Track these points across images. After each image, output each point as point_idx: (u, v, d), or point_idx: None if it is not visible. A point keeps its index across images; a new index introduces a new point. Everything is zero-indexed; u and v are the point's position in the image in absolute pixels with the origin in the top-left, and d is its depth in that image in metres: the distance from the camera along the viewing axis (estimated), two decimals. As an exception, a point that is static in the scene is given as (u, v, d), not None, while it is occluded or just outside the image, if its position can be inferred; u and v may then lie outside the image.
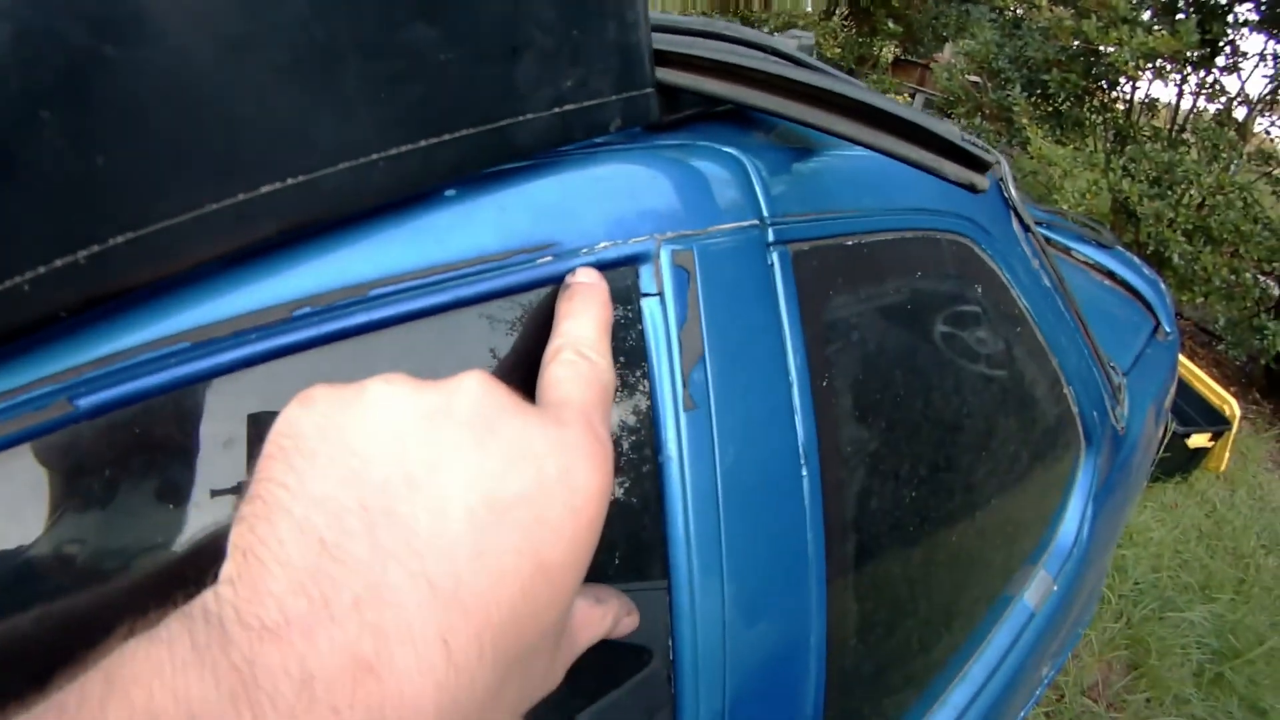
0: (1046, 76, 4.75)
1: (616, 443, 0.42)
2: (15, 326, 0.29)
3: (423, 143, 0.35)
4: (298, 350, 0.34)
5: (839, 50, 7.63)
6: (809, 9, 7.60)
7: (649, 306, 0.43)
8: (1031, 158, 4.68)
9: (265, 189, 0.32)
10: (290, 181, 0.32)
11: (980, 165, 0.47)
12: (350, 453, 0.26)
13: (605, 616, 0.35)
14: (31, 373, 0.30)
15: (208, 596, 0.24)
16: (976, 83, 5.67)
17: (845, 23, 7.69)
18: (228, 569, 0.25)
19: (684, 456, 0.43)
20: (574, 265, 0.40)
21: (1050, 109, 5.01)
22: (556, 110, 0.40)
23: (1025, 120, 4.80)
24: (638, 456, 0.43)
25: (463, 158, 0.37)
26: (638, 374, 0.43)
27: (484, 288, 0.38)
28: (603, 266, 0.41)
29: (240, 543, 0.25)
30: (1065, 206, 4.19)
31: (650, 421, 0.43)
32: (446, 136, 0.36)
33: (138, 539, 0.31)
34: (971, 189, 0.46)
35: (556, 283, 0.40)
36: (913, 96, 8.27)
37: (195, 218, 0.30)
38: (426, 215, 0.38)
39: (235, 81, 0.30)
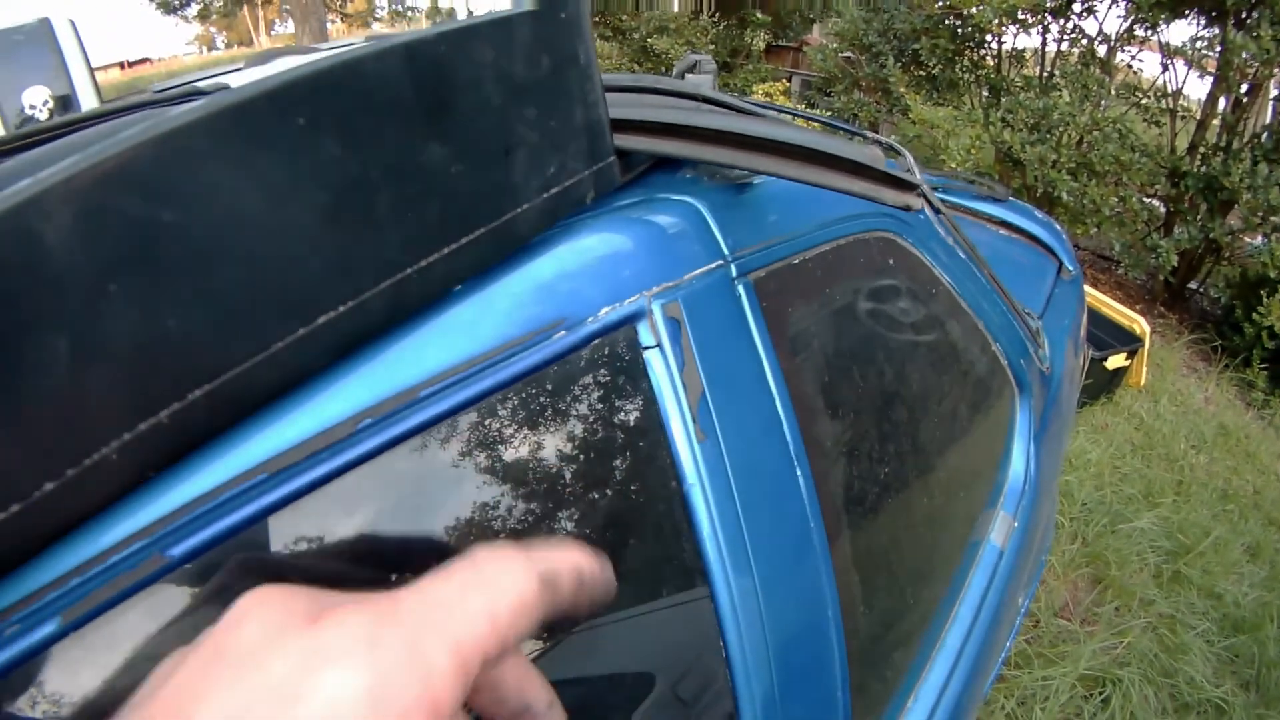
0: (916, 45, 4.97)
1: (646, 483, 0.49)
2: (108, 494, 0.30)
3: (446, 250, 0.40)
4: (367, 460, 0.37)
5: (712, 46, 7.78)
6: (676, 9, 7.76)
7: (651, 357, 0.49)
8: (914, 123, 4.89)
9: (321, 320, 0.35)
10: (342, 309, 0.36)
11: (908, 187, 0.54)
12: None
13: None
14: (120, 529, 0.31)
15: None
16: (850, 59, 5.87)
17: (714, 19, 7.86)
18: None
19: (704, 481, 0.50)
20: (584, 335, 0.46)
21: (924, 74, 5.24)
22: (545, 195, 0.46)
23: (902, 89, 5.01)
24: (666, 489, 0.49)
25: (479, 256, 0.42)
26: (652, 419, 0.49)
27: (515, 370, 0.43)
28: (607, 330, 0.47)
29: None
30: (954, 165, 4.40)
31: (670, 457, 0.49)
32: (465, 240, 0.41)
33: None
34: (907, 209, 0.54)
35: (572, 353, 0.46)
36: (790, 80, 8.49)
37: (262, 360, 0.33)
38: (450, 312, 0.42)
39: (284, 225, 0.33)
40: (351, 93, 0.34)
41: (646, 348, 0.49)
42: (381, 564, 0.38)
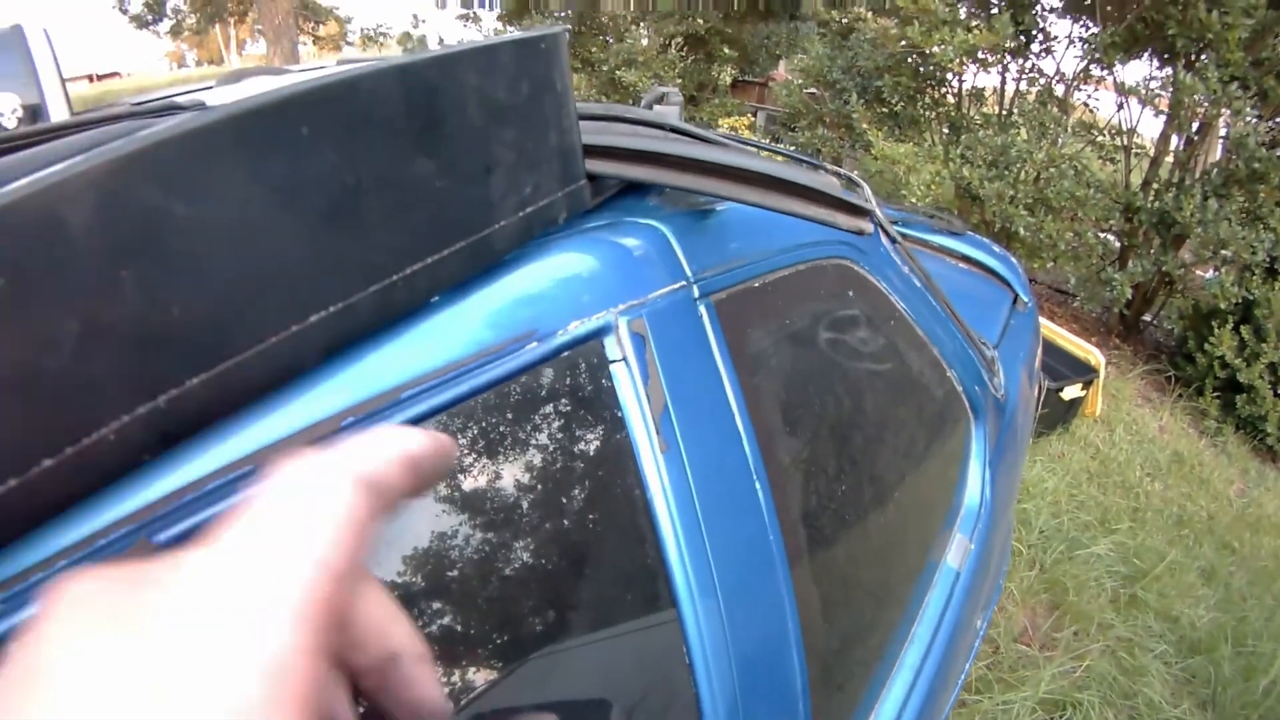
0: (879, 82, 5.10)
1: (611, 489, 0.51)
2: (103, 475, 0.31)
3: (429, 260, 0.42)
4: None
5: (680, 80, 7.90)
6: (645, 43, 7.89)
7: (617, 371, 0.52)
8: (876, 158, 4.99)
9: (314, 318, 0.37)
10: (333, 309, 0.38)
11: (862, 212, 0.58)
12: None
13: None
14: (108, 514, 0.32)
15: None
16: (814, 94, 6.00)
17: (682, 53, 8.00)
18: None
19: (666, 490, 0.52)
20: (554, 347, 0.49)
21: (886, 111, 5.36)
22: (520, 214, 0.48)
23: (865, 125, 5.13)
24: (630, 497, 0.52)
25: (459, 267, 0.44)
26: (617, 429, 0.52)
27: (489, 377, 0.45)
28: (576, 343, 0.50)
29: None
30: (914, 200, 4.50)
31: (635, 465, 0.52)
32: (446, 251, 0.43)
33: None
34: (860, 234, 0.57)
35: (541, 364, 0.48)
36: (755, 115, 8.65)
37: (258, 352, 0.35)
38: (428, 321, 0.44)
39: (284, 226, 0.35)
40: (350, 107, 0.37)
41: (613, 361, 0.51)
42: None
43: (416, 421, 0.42)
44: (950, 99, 5.30)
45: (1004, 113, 5.00)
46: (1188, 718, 2.29)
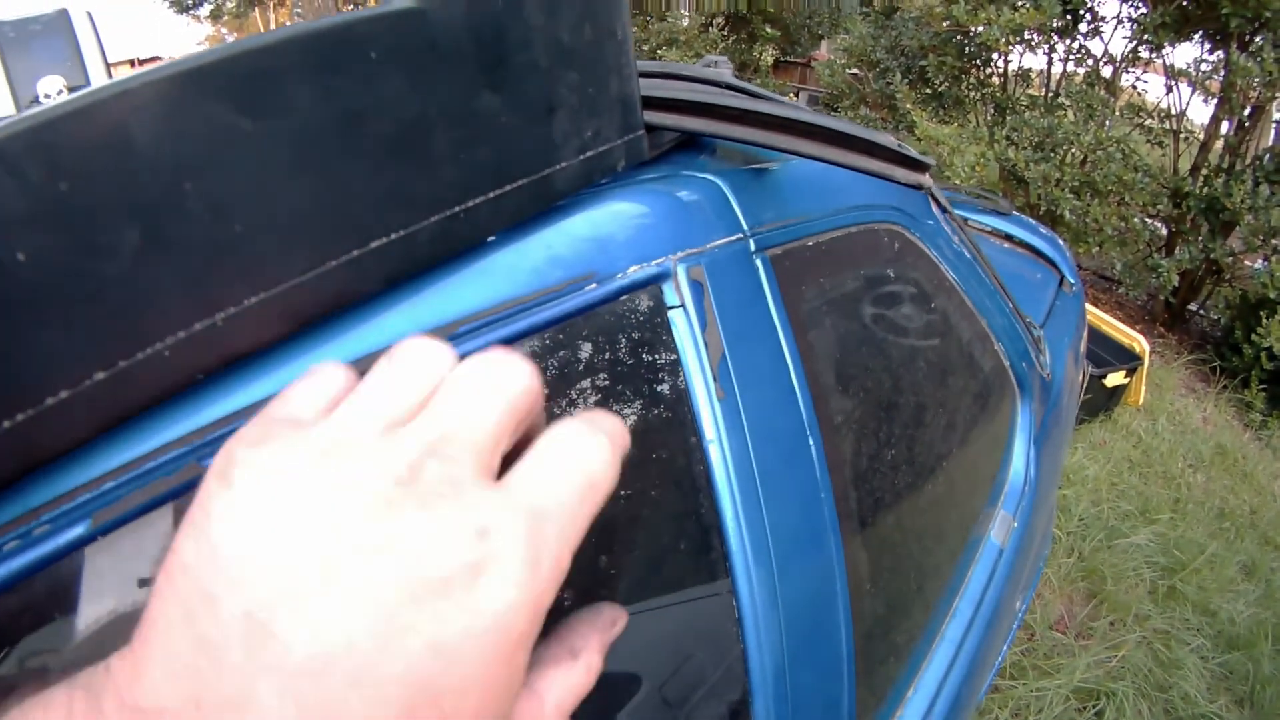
0: (923, 62, 5.01)
1: (667, 434, 0.51)
2: (156, 392, 0.31)
3: (491, 194, 0.42)
4: None
5: (721, 60, 7.81)
6: (686, 23, 7.83)
7: (676, 317, 0.51)
8: (919, 139, 4.91)
9: (374, 244, 0.37)
10: (394, 236, 0.37)
11: (920, 166, 0.57)
12: (242, 555, 0.23)
13: (587, 668, 0.30)
14: (159, 438, 0.32)
15: (99, 668, 0.23)
16: (857, 75, 5.92)
17: (723, 33, 7.93)
18: (123, 644, 0.24)
19: (722, 438, 0.52)
20: (613, 289, 0.48)
21: (930, 91, 5.28)
22: (581, 157, 0.48)
23: (909, 105, 5.06)
24: (685, 443, 0.51)
25: (521, 204, 0.44)
26: (674, 374, 0.51)
27: (547, 315, 0.45)
28: (633, 287, 0.49)
29: (144, 616, 0.23)
30: (958, 182, 4.43)
31: (691, 412, 0.51)
32: (508, 187, 0.43)
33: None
34: (918, 188, 0.56)
35: (601, 305, 0.48)
36: (797, 95, 8.56)
37: (318, 275, 0.34)
38: (489, 257, 0.44)
39: (349, 149, 0.35)
40: (418, 36, 0.36)
41: (671, 307, 0.51)
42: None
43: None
44: (996, 80, 5.21)
45: (1050, 94, 4.90)
46: (1224, 714, 2.25)
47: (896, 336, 0.87)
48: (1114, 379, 3.33)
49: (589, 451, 0.27)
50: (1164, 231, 4.59)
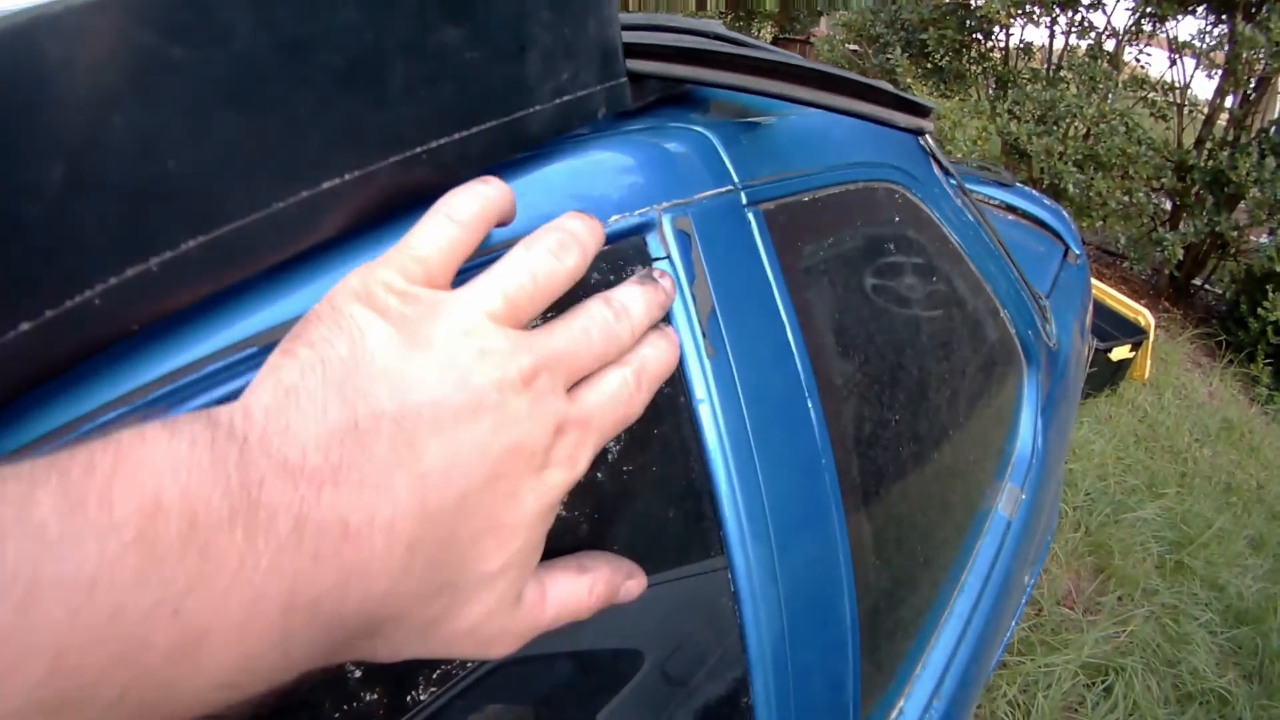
0: (924, 35, 4.96)
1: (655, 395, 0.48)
2: (89, 343, 0.28)
3: (456, 135, 0.39)
4: None
5: (719, 39, 7.76)
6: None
7: (660, 269, 0.48)
8: (921, 114, 4.86)
9: (326, 185, 0.34)
10: (348, 176, 0.34)
11: (922, 111, 0.53)
12: (401, 376, 0.29)
13: (590, 589, 0.37)
14: (101, 397, 0.29)
15: (236, 412, 0.26)
16: (857, 51, 5.87)
17: (721, 11, 7.83)
18: (262, 395, 0.27)
19: (713, 398, 0.49)
20: None
21: (931, 66, 5.23)
22: (557, 101, 0.45)
23: (909, 80, 5.01)
24: (674, 404, 0.48)
25: (489, 147, 0.41)
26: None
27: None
28: (616, 237, 0.46)
29: (285, 378, 0.28)
30: (959, 156, 4.39)
31: (680, 371, 0.48)
32: (475, 129, 0.40)
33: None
34: (920, 133, 0.53)
35: None
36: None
37: (263, 217, 0.32)
38: None
39: (295, 83, 0.32)
40: None
41: (656, 258, 0.48)
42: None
43: None
44: (996, 53, 5.15)
45: (1052, 67, 4.84)
46: (1233, 689, 2.23)
47: (899, 299, 0.84)
48: (1119, 353, 3.30)
49: (633, 399, 0.37)
50: (1168, 205, 4.54)
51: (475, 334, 0.31)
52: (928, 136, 0.99)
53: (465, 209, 0.34)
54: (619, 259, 0.47)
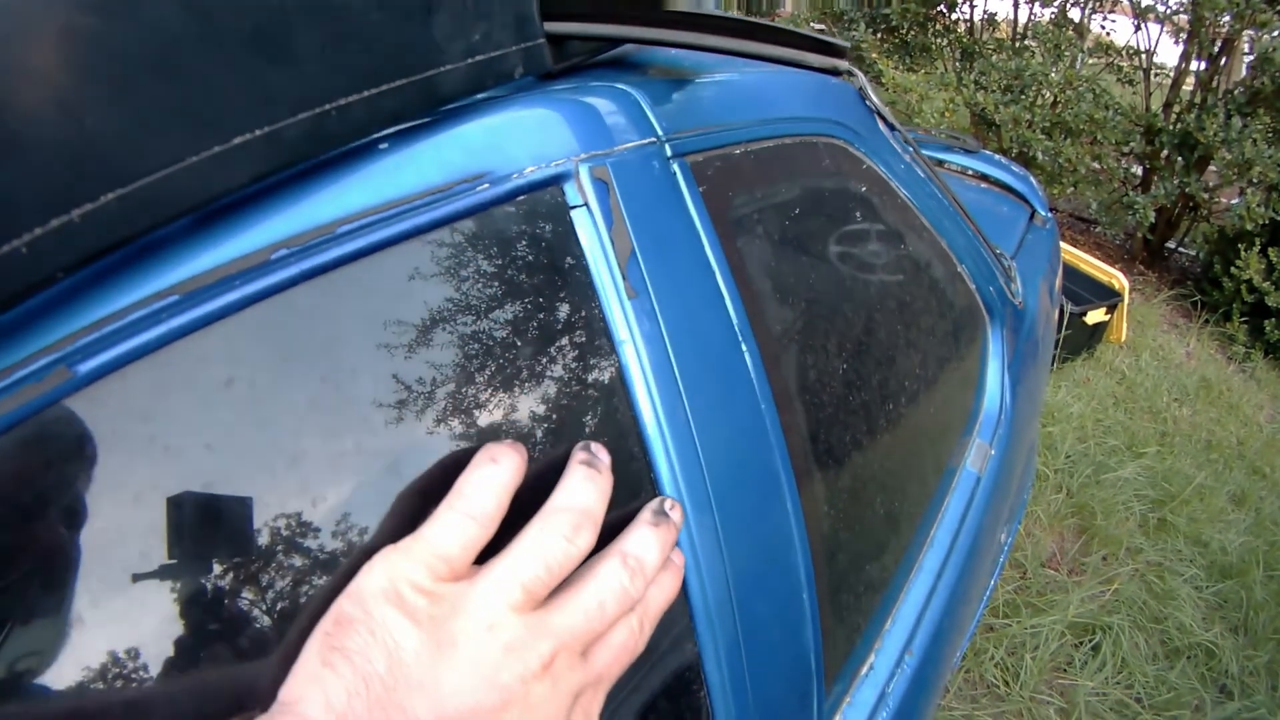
0: (887, 10, 4.97)
1: (571, 333, 0.48)
2: (17, 289, 0.30)
3: (365, 93, 0.40)
4: (280, 290, 0.38)
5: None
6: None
7: (578, 216, 0.48)
8: (887, 89, 4.87)
9: (237, 140, 0.35)
10: (258, 132, 0.36)
11: (836, 51, 0.54)
12: (436, 687, 0.33)
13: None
14: (28, 346, 0.31)
15: None
16: (823, 29, 5.86)
17: (686, -3, 7.83)
18: (313, 710, 0.31)
19: (635, 338, 0.49)
20: (508, 189, 0.46)
21: (897, 41, 5.24)
22: (469, 61, 0.46)
23: (875, 55, 5.01)
24: (594, 345, 0.49)
25: (400, 106, 0.42)
26: (578, 272, 0.49)
27: (434, 215, 0.43)
28: (531, 188, 0.47)
29: (334, 699, 0.31)
30: (927, 127, 4.40)
31: (600, 312, 0.49)
32: (385, 87, 0.41)
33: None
34: (834, 72, 0.53)
35: (494, 206, 0.45)
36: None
37: (178, 170, 0.33)
38: (374, 162, 0.42)
39: (204, 45, 0.33)
40: None
41: (574, 206, 0.48)
42: (289, 394, 0.38)
43: (353, 258, 0.40)
44: (961, 26, 5.17)
45: (1017, 37, 4.86)
46: (1219, 642, 2.26)
47: (842, 253, 0.84)
48: (1094, 316, 3.32)
49: (639, 642, 0.42)
50: (1138, 170, 4.57)
51: (498, 628, 0.35)
52: (870, 94, 1.00)
53: (483, 507, 0.37)
54: (537, 207, 0.47)
